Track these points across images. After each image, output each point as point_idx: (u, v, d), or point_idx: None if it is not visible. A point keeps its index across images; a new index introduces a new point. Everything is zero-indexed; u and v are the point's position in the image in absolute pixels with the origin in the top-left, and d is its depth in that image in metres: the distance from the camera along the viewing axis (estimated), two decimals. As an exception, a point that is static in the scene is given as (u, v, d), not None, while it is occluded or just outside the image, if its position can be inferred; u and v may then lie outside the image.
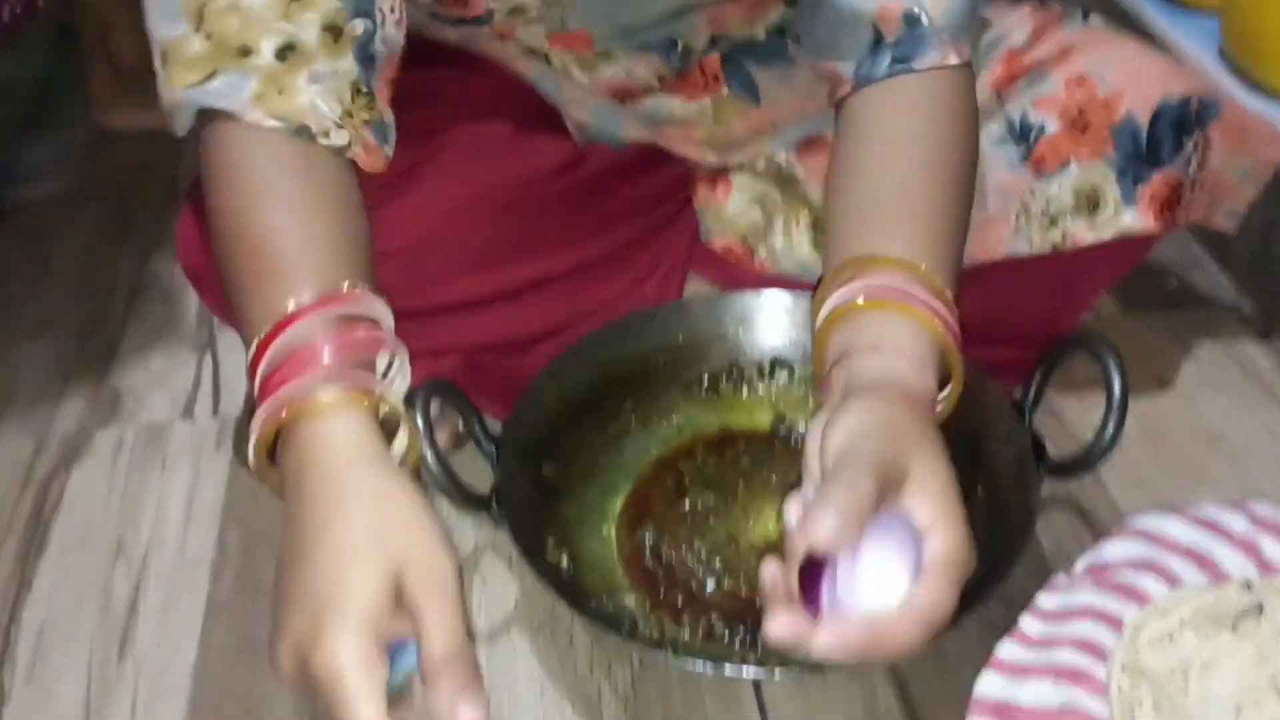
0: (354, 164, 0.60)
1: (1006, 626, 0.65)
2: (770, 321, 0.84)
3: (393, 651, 0.51)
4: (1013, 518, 0.71)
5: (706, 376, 0.84)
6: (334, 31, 0.59)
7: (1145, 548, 0.65)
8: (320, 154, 0.59)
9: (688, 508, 0.79)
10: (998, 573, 0.66)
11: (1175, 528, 0.66)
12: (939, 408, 0.60)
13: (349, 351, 0.55)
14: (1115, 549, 0.66)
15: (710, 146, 0.85)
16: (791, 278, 0.85)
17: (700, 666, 0.65)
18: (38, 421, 0.95)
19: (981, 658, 0.64)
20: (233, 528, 0.84)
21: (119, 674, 0.74)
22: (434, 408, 0.76)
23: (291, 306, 0.55)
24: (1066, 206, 0.77)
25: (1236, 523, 0.66)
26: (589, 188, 0.84)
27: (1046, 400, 0.77)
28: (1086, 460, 0.73)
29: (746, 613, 0.73)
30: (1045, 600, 0.65)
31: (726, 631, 0.72)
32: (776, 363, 0.84)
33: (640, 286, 0.87)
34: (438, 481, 0.70)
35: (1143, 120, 0.75)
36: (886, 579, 0.53)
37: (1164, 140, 0.75)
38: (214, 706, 0.72)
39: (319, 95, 0.58)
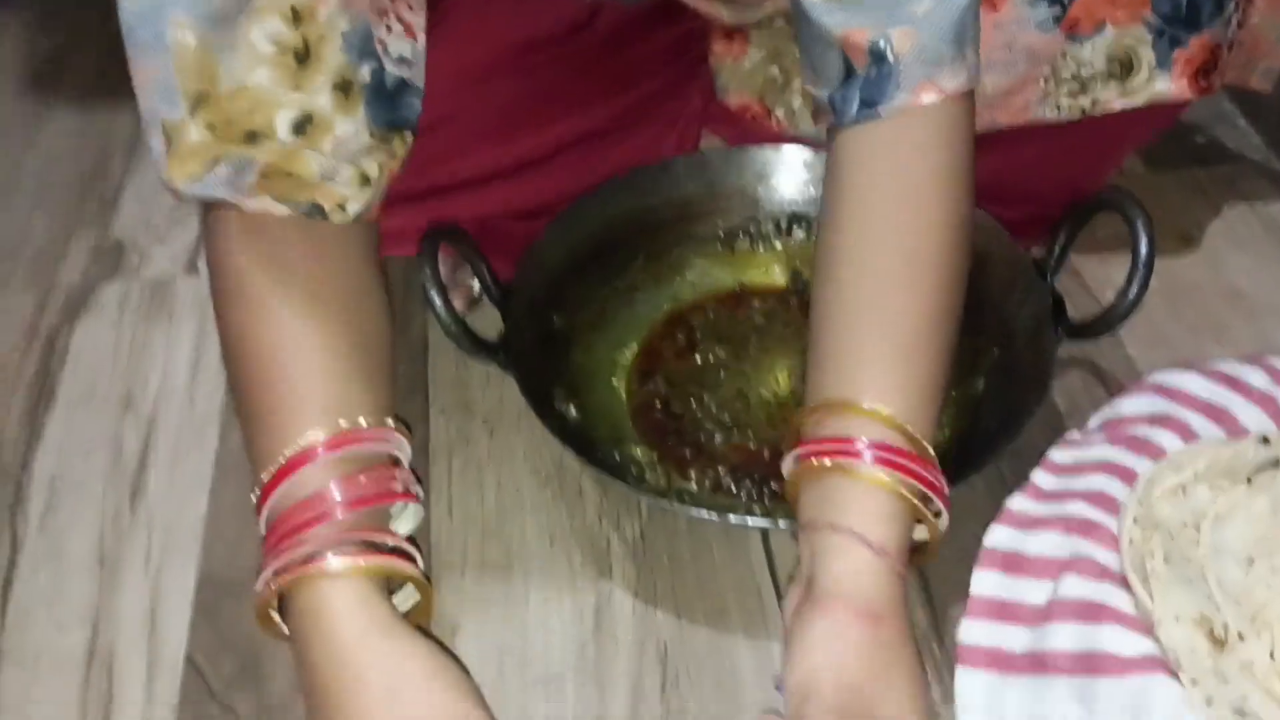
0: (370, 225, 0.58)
1: (1017, 484, 0.65)
2: (789, 177, 0.81)
3: None
4: (1028, 376, 0.70)
5: (722, 231, 0.82)
6: (344, 88, 0.55)
7: (1161, 402, 0.65)
8: (332, 236, 0.56)
9: (699, 362, 0.78)
10: (1010, 431, 0.65)
11: (1192, 382, 0.65)
12: (911, 558, 0.58)
13: (361, 505, 0.53)
14: (1131, 404, 0.65)
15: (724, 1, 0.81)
16: (811, 138, 0.83)
17: (707, 514, 0.65)
18: (41, 276, 0.93)
19: (991, 514, 0.64)
20: (240, 382, 0.84)
21: (131, 525, 0.75)
22: (445, 268, 0.75)
23: (303, 444, 0.53)
24: (1098, 72, 0.74)
25: (1254, 377, 0.65)
26: (602, 46, 0.80)
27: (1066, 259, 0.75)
28: (1107, 321, 0.72)
29: (754, 465, 0.72)
30: (1058, 455, 0.64)
31: (734, 484, 0.72)
32: (795, 218, 0.82)
33: (656, 145, 0.84)
34: (446, 328, 0.70)
35: None
36: None
37: (1204, 5, 0.72)
38: (226, 560, 0.73)
39: (337, 165, 0.55)
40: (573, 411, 0.73)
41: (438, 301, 0.68)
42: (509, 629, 0.68)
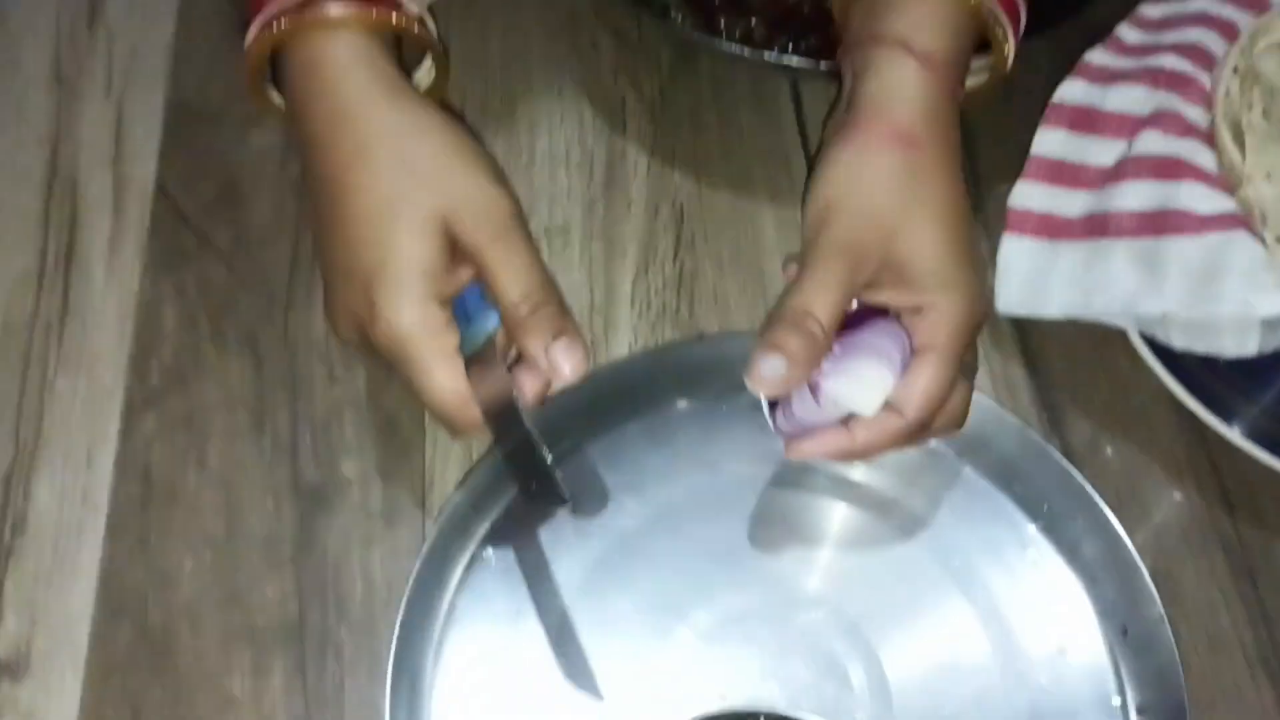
0: None
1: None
2: None
3: (464, 309, 0.45)
4: None
5: None
6: None
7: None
8: None
9: None
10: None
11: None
12: (972, 81, 0.49)
13: None
14: (1238, -44, 0.57)
15: None
16: None
17: (738, 49, 0.57)
18: None
19: (1061, 77, 0.56)
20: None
21: (90, 46, 0.67)
22: None
23: None
24: None
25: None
26: None
27: None
28: None
29: (791, 18, 0.64)
30: (1148, 8, 0.56)
31: (766, 37, 0.64)
32: None
33: None
34: None
35: None
36: (867, 381, 0.44)
37: None
38: (196, 88, 0.65)
39: None
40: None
41: None
42: (510, 179, 0.62)
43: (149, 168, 0.62)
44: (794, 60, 0.60)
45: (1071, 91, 0.54)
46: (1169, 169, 0.49)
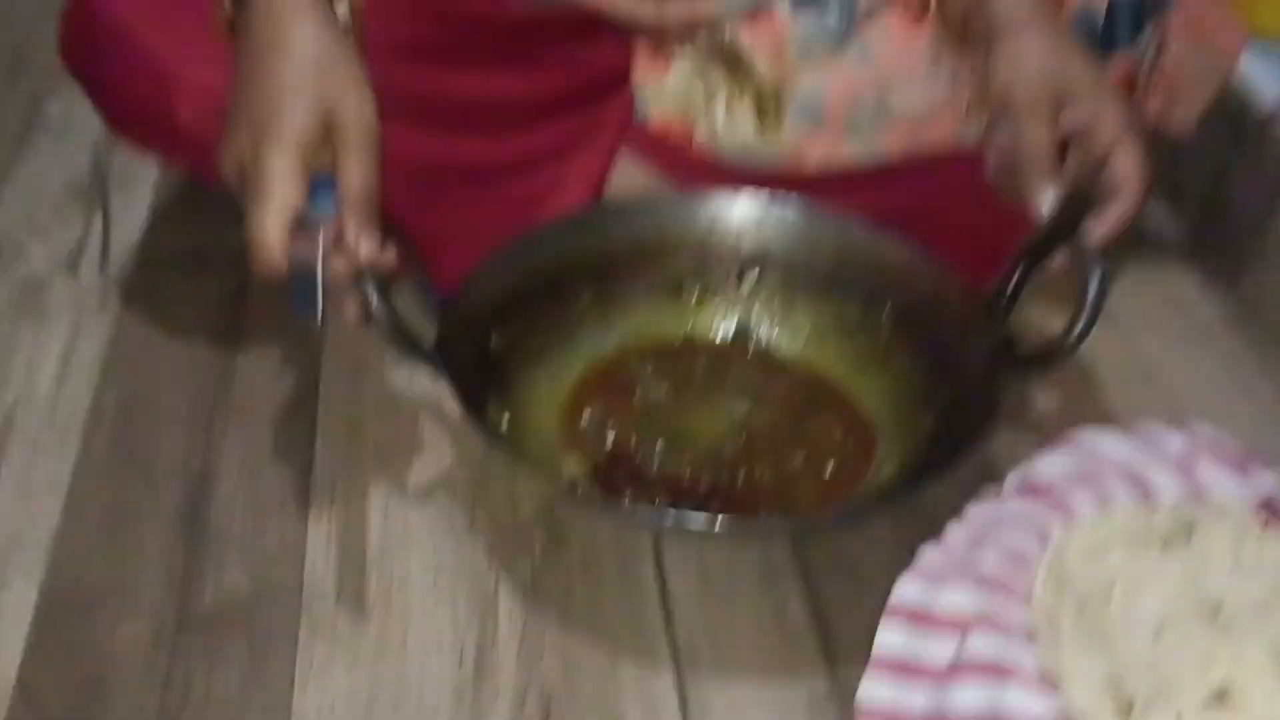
0: None
1: (926, 541, 0.62)
2: (742, 225, 0.79)
3: (315, 192, 0.59)
4: (977, 415, 0.67)
5: (671, 277, 0.79)
6: None
7: (1080, 463, 0.63)
8: None
9: (638, 398, 0.75)
10: (950, 463, 0.64)
11: (1112, 445, 0.64)
12: None
13: None
14: (1050, 464, 0.63)
15: None
16: (733, 163, 0.80)
17: (642, 515, 0.62)
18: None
19: (897, 569, 0.61)
20: (111, 389, 0.78)
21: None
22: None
23: None
24: None
25: (1174, 443, 0.64)
26: (517, 28, 0.79)
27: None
28: (1049, 358, 0.68)
29: (689, 498, 0.69)
30: (973, 510, 0.62)
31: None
32: (745, 267, 0.79)
33: (567, 157, 0.82)
34: (379, 321, 0.63)
35: (1100, 7, 0.74)
36: None
37: (1121, 25, 0.75)
38: (75, 576, 0.66)
39: None
40: (505, 425, 0.69)
41: (373, 291, 0.63)
42: (383, 667, 0.63)
43: (12, 660, 0.62)
44: (693, 521, 0.64)
45: (907, 590, 0.57)
46: (996, 672, 0.52)
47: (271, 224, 0.58)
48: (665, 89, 0.82)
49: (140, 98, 0.72)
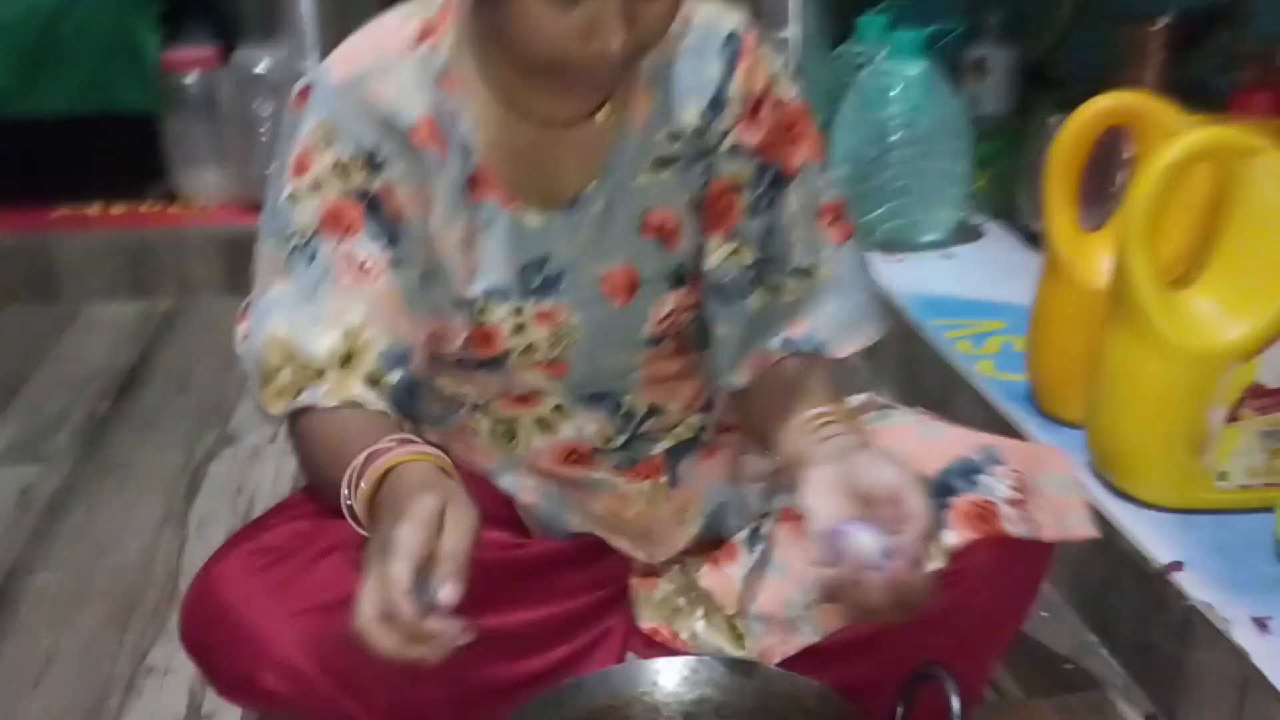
0: None
1: None
2: (675, 682, 0.92)
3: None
4: None
5: None
6: (374, 379, 0.86)
7: None
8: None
9: None
10: None
11: None
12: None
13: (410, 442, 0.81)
14: None
15: (637, 536, 1.00)
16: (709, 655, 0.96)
17: None
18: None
19: None
20: None
21: None
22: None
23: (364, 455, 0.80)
24: None
25: None
26: (535, 566, 0.97)
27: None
28: None
29: None
30: None
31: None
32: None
33: (582, 658, 0.98)
34: None
35: (931, 474, 0.86)
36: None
37: (955, 481, 0.86)
38: None
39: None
40: None
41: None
42: None
43: None
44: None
45: None
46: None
47: (398, 570, 0.69)
48: (653, 602, 1.00)
49: (234, 664, 0.86)
